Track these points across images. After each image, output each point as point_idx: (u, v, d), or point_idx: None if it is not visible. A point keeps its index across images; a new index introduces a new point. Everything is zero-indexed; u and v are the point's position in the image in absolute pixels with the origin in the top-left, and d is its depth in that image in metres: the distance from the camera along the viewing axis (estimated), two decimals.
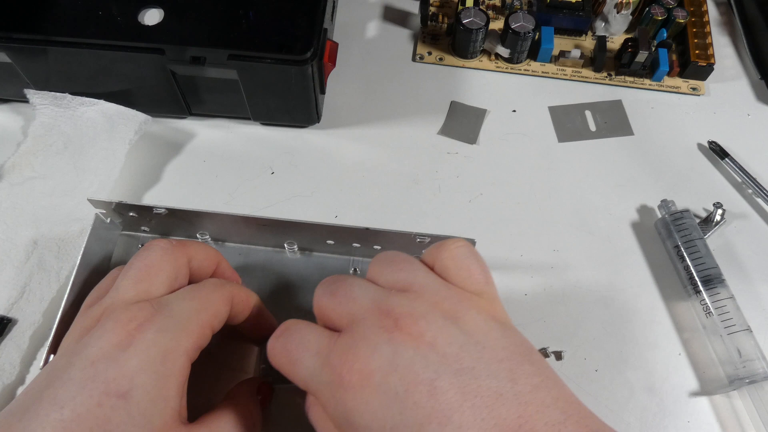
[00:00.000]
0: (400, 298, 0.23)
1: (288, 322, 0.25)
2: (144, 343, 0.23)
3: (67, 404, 0.21)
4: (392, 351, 0.21)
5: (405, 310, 0.22)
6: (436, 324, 0.22)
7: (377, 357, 0.21)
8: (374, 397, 0.21)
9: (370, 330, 0.22)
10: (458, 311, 0.23)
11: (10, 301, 0.32)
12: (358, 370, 0.21)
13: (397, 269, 0.25)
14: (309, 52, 0.33)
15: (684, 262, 0.35)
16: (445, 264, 0.25)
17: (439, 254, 0.25)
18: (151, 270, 0.26)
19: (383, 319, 0.22)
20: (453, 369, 0.21)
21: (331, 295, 0.25)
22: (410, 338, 0.21)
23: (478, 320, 0.23)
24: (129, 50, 0.34)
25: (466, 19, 0.41)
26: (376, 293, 0.24)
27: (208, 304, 0.26)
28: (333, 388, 0.22)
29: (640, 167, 0.40)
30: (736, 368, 0.31)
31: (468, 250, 0.25)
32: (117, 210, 0.32)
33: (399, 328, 0.22)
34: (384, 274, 0.25)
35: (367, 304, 0.23)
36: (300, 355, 0.23)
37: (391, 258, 0.26)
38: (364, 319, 0.23)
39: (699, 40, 0.43)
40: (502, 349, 0.22)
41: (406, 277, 0.24)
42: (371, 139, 0.40)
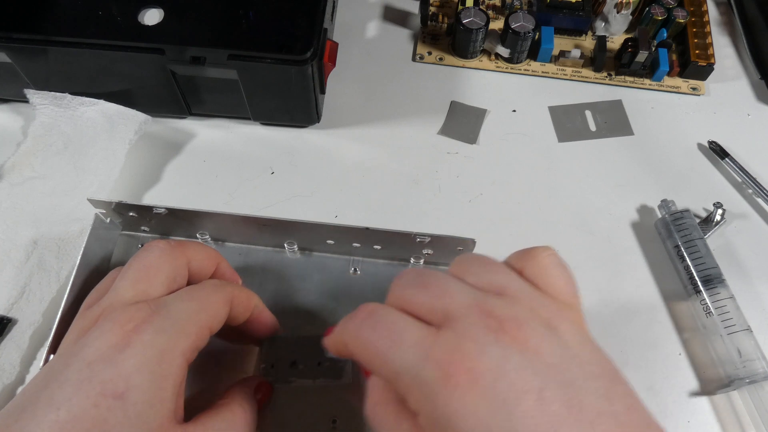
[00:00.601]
0: (500, 300, 0.22)
1: (370, 306, 0.23)
2: (141, 344, 0.23)
3: (63, 405, 0.21)
4: (501, 354, 0.20)
5: (508, 313, 0.21)
6: (538, 331, 0.21)
7: (486, 358, 0.20)
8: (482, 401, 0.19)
9: (476, 329, 0.21)
10: (555, 321, 0.22)
11: (10, 301, 0.32)
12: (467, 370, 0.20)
13: (490, 270, 0.24)
14: (309, 52, 0.33)
15: (684, 262, 0.35)
16: (535, 271, 0.24)
17: (528, 261, 0.24)
18: (150, 271, 0.26)
19: (487, 319, 0.21)
20: (558, 380, 0.20)
21: (422, 287, 0.23)
22: (516, 343, 0.20)
23: (574, 332, 0.22)
24: (129, 50, 0.34)
25: (466, 19, 0.41)
26: (473, 292, 0.22)
27: (207, 306, 0.26)
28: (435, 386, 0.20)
29: (640, 167, 0.40)
30: (736, 368, 0.31)
31: (557, 259, 0.24)
32: (117, 210, 0.32)
33: (504, 330, 0.21)
34: (474, 274, 0.24)
35: (466, 302, 0.22)
36: (394, 345, 0.21)
37: (480, 259, 0.25)
38: (466, 317, 0.21)
39: (699, 40, 0.43)
40: (597, 366, 0.21)
41: (501, 279, 0.23)
42: (371, 139, 0.40)
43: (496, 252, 0.36)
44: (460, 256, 0.25)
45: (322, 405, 0.30)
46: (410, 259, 0.34)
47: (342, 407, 0.30)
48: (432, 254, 0.33)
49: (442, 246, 0.32)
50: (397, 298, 0.24)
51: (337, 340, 0.24)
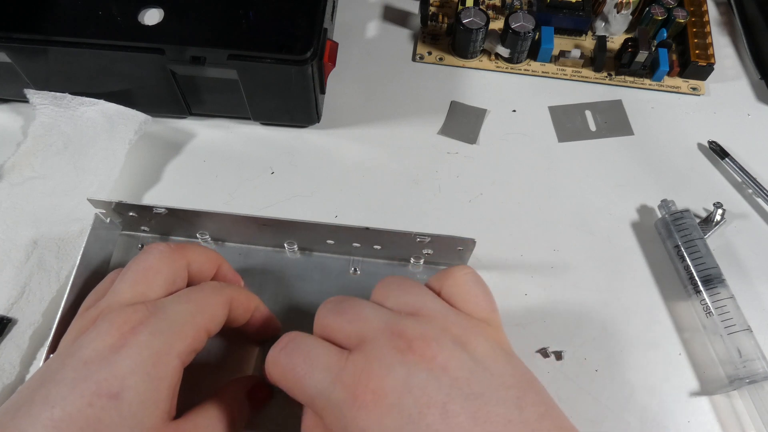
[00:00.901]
0: (412, 321, 0.23)
1: (291, 335, 0.25)
2: (137, 345, 0.23)
3: (58, 404, 0.22)
4: (406, 372, 0.21)
5: (417, 332, 0.22)
6: (447, 347, 0.22)
7: (392, 377, 0.21)
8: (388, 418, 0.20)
9: (384, 350, 0.22)
10: (467, 337, 0.23)
11: (10, 301, 0.32)
12: (372, 389, 0.21)
13: (405, 293, 0.25)
14: (309, 52, 0.33)
15: (684, 262, 0.35)
16: (452, 291, 0.25)
17: (445, 281, 0.26)
18: (149, 272, 0.26)
19: (396, 340, 0.22)
20: (464, 393, 0.21)
21: (338, 314, 0.24)
22: (423, 360, 0.21)
23: (486, 347, 0.23)
24: (129, 50, 0.34)
25: (466, 19, 0.41)
26: (386, 315, 0.24)
27: (205, 308, 0.26)
28: (345, 407, 0.21)
29: (640, 167, 0.40)
30: (736, 368, 0.31)
31: (474, 277, 0.26)
32: (117, 210, 0.32)
33: (412, 349, 0.22)
34: (392, 297, 0.25)
35: (378, 325, 0.23)
36: (307, 370, 0.23)
37: (399, 282, 0.26)
38: (376, 339, 0.22)
39: (699, 40, 0.43)
40: (509, 377, 0.22)
41: (415, 300, 0.24)
42: (371, 139, 0.40)
43: (496, 252, 0.36)
44: (382, 280, 0.27)
45: None
46: (410, 259, 0.34)
47: None
48: (432, 254, 0.33)
49: (442, 246, 0.32)
50: (320, 325, 0.25)
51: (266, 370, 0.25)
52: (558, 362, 0.33)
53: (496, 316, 0.25)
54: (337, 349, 0.23)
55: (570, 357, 0.33)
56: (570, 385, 0.32)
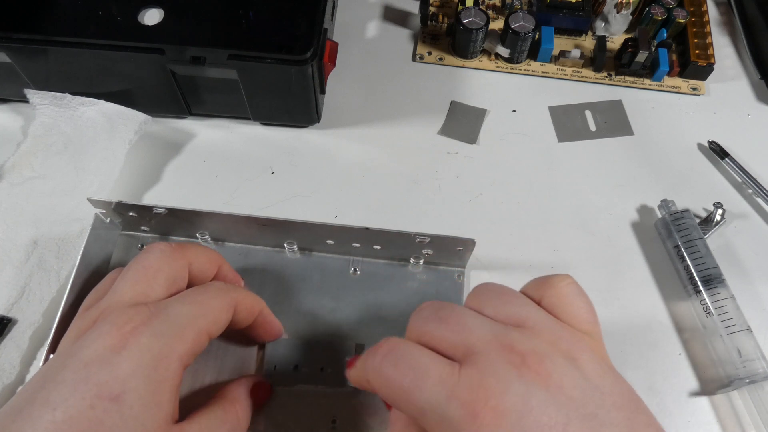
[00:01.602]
0: (520, 334, 0.22)
1: (393, 341, 0.23)
2: (138, 347, 0.23)
3: (60, 406, 0.22)
4: (525, 390, 0.20)
5: (528, 347, 0.21)
6: (560, 364, 0.21)
7: (511, 395, 0.20)
8: None
9: (498, 364, 0.21)
10: (575, 352, 0.22)
11: (10, 301, 0.32)
12: (492, 407, 0.20)
13: (507, 302, 0.24)
14: (309, 52, 0.33)
15: (684, 262, 0.35)
16: (554, 301, 0.24)
17: (546, 290, 0.24)
18: (149, 272, 0.26)
19: (508, 354, 0.21)
20: (581, 414, 0.20)
21: (441, 322, 0.23)
22: (539, 378, 0.20)
23: (594, 363, 0.22)
24: (129, 50, 0.34)
25: (466, 19, 0.41)
26: (493, 326, 0.22)
27: (208, 311, 0.26)
28: (462, 424, 0.20)
29: (640, 167, 0.40)
30: (736, 368, 0.31)
31: (577, 288, 0.25)
32: (117, 210, 0.32)
33: (527, 365, 0.21)
34: (492, 306, 0.24)
35: (486, 337, 0.22)
36: (417, 382, 0.21)
37: (499, 290, 0.25)
38: (488, 353, 0.21)
39: (699, 40, 0.43)
40: (619, 396, 0.21)
41: (519, 311, 0.23)
42: (371, 139, 0.40)
43: (496, 252, 0.36)
44: (477, 286, 0.25)
45: (321, 405, 0.30)
46: (410, 259, 0.34)
47: (342, 408, 0.30)
48: (432, 254, 0.33)
49: (442, 246, 0.32)
50: (417, 333, 0.24)
51: (359, 376, 0.24)
52: None
53: (598, 328, 0.24)
54: (446, 360, 0.22)
55: None
56: None
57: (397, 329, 0.30)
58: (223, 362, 0.31)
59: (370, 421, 0.30)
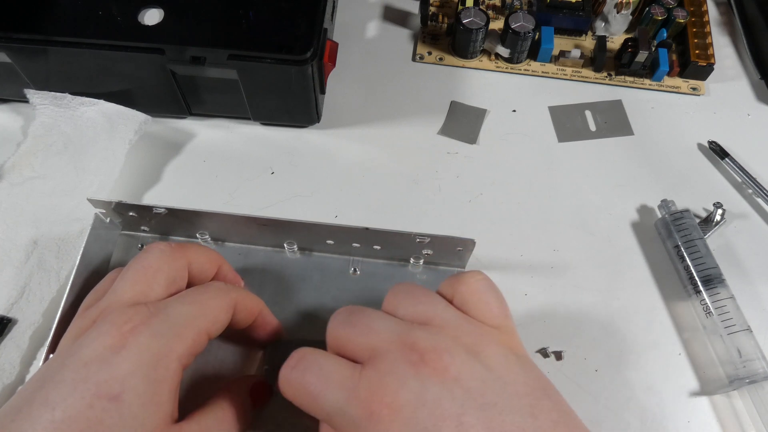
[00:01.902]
0: (423, 332, 0.23)
1: (302, 351, 0.24)
2: (137, 346, 0.23)
3: (59, 405, 0.22)
4: (420, 385, 0.21)
5: (429, 344, 0.22)
6: (459, 358, 0.22)
7: (406, 391, 0.21)
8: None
9: (396, 363, 0.22)
10: (479, 345, 0.23)
11: (10, 301, 0.32)
12: (387, 404, 0.21)
13: (417, 302, 0.25)
14: (309, 52, 0.33)
15: (684, 262, 0.35)
16: (464, 297, 0.25)
17: (458, 287, 0.25)
18: (149, 272, 0.26)
19: (408, 352, 0.22)
20: (478, 404, 0.21)
21: (349, 326, 0.24)
22: (436, 373, 0.21)
23: (499, 354, 0.23)
24: (129, 50, 0.34)
25: (466, 19, 0.41)
26: (397, 326, 0.24)
27: (207, 311, 0.26)
28: (361, 423, 0.21)
29: (640, 167, 0.40)
30: (736, 368, 0.31)
31: (487, 283, 0.26)
32: (117, 210, 0.32)
33: (425, 362, 0.22)
34: (402, 307, 0.25)
35: (389, 337, 0.23)
36: (322, 388, 0.23)
37: (410, 290, 0.26)
38: (388, 352, 0.22)
39: (699, 40, 0.43)
40: (523, 384, 0.22)
41: (426, 309, 0.24)
42: (371, 139, 0.40)
43: (496, 252, 0.36)
44: (392, 288, 0.26)
45: None
46: (410, 259, 0.34)
47: None
48: (432, 254, 0.33)
49: (441, 246, 0.32)
50: (330, 338, 0.25)
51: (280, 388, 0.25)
52: (558, 362, 0.33)
53: (509, 322, 0.25)
54: (349, 363, 0.23)
55: (570, 357, 0.33)
56: (570, 385, 0.32)
57: None
58: (223, 362, 0.31)
59: None
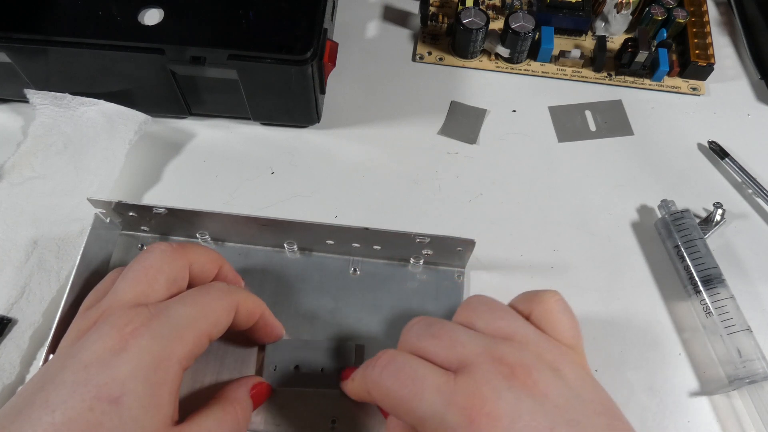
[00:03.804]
0: (508, 347, 0.23)
1: (390, 353, 0.24)
2: (137, 349, 0.23)
3: (59, 407, 0.21)
4: (515, 397, 0.22)
5: (517, 359, 0.23)
6: (545, 374, 0.22)
7: (503, 402, 0.21)
8: None
9: (490, 375, 0.22)
10: (559, 363, 0.23)
11: (10, 301, 0.32)
12: (487, 414, 0.21)
13: (497, 317, 0.25)
14: (309, 52, 0.33)
15: (684, 262, 0.35)
16: (542, 316, 0.25)
17: (535, 306, 0.26)
18: (150, 272, 0.26)
19: (498, 365, 0.22)
20: (565, 419, 0.21)
21: (433, 338, 0.24)
22: (526, 387, 0.22)
23: (576, 373, 0.23)
24: (129, 50, 0.34)
25: (466, 19, 0.41)
26: (482, 339, 0.24)
27: (208, 312, 0.26)
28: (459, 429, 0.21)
29: (640, 167, 0.40)
30: (736, 368, 0.31)
31: (563, 304, 0.26)
32: (117, 210, 0.32)
33: (515, 376, 0.22)
34: (483, 320, 0.25)
35: (476, 350, 0.23)
36: (420, 390, 0.23)
37: (489, 304, 0.26)
38: (480, 364, 0.23)
39: (699, 40, 0.43)
40: (599, 404, 0.23)
41: (508, 325, 0.25)
42: (371, 139, 0.40)
43: (496, 252, 0.36)
44: (467, 300, 0.27)
45: (321, 405, 0.30)
46: (410, 259, 0.34)
47: (341, 408, 0.30)
48: (431, 254, 0.33)
49: (441, 246, 0.32)
50: (411, 347, 0.25)
51: (359, 388, 0.26)
52: None
53: (580, 342, 0.26)
54: (442, 370, 0.23)
55: None
56: None
57: (397, 329, 0.30)
58: (223, 363, 0.31)
59: (370, 421, 0.30)
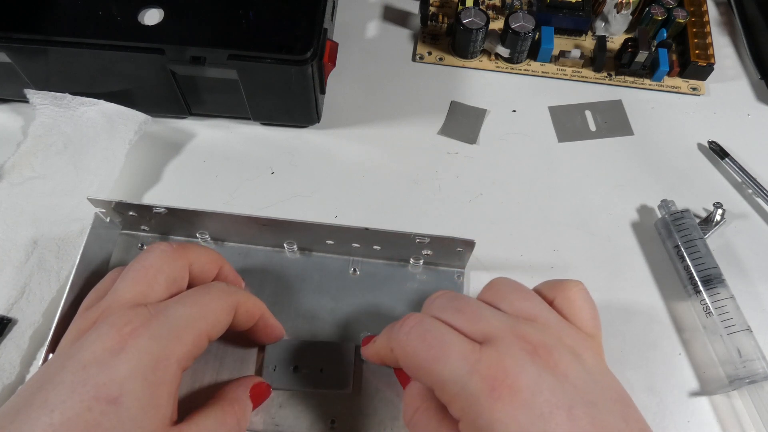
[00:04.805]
0: (531, 327, 0.24)
1: (417, 316, 0.25)
2: (136, 349, 0.23)
3: (57, 408, 0.21)
4: (537, 373, 0.22)
5: (539, 339, 0.23)
6: (566, 357, 0.23)
7: (525, 375, 0.22)
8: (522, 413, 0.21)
9: (514, 349, 0.23)
10: (579, 348, 0.24)
11: (10, 301, 0.32)
12: (509, 385, 0.22)
13: (522, 298, 0.26)
14: (309, 52, 0.33)
15: (684, 262, 0.35)
16: (565, 303, 0.26)
17: (558, 293, 0.26)
18: (149, 272, 0.26)
19: (522, 342, 0.23)
20: (584, 400, 0.22)
21: (457, 312, 0.25)
22: (548, 365, 0.22)
23: (594, 360, 0.24)
24: (129, 50, 0.34)
25: (466, 19, 0.41)
26: (506, 317, 0.24)
27: (208, 313, 0.26)
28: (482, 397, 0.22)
29: (640, 167, 0.40)
30: (736, 368, 0.31)
31: (586, 294, 0.27)
32: (117, 209, 0.32)
33: (538, 354, 0.23)
34: (507, 301, 0.26)
35: (500, 326, 0.24)
36: (445, 354, 0.23)
37: (514, 286, 0.27)
38: (504, 338, 0.23)
39: (699, 40, 0.43)
40: (615, 391, 0.23)
41: (532, 306, 0.25)
42: (371, 139, 0.40)
43: (496, 252, 0.36)
44: (491, 281, 0.27)
45: (320, 405, 0.30)
46: (410, 260, 0.34)
47: (341, 408, 0.30)
48: (431, 255, 0.33)
49: (441, 247, 0.32)
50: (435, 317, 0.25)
51: (382, 347, 0.26)
52: None
53: (600, 333, 0.26)
54: (468, 339, 0.24)
55: None
56: None
57: None
58: (223, 363, 0.31)
59: (369, 421, 0.30)
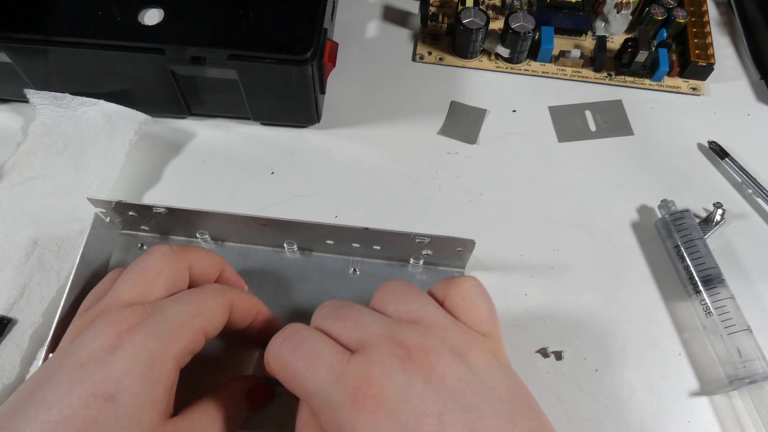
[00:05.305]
0: (411, 330, 0.23)
1: (294, 327, 0.25)
2: (132, 346, 0.23)
3: (55, 405, 0.22)
4: (405, 380, 0.21)
5: (417, 342, 0.23)
6: (446, 359, 0.22)
7: (392, 384, 0.21)
8: (385, 424, 0.21)
9: (384, 356, 0.22)
10: (466, 349, 0.23)
11: (10, 301, 0.32)
12: (372, 395, 0.21)
13: (408, 300, 0.25)
14: (309, 52, 0.33)
15: (684, 262, 0.35)
16: (455, 301, 0.26)
17: (450, 291, 0.26)
18: (149, 273, 0.26)
19: (396, 348, 0.22)
20: (460, 405, 0.21)
21: (337, 319, 0.24)
22: (422, 370, 0.22)
23: (484, 360, 0.23)
24: (129, 50, 0.34)
25: (466, 19, 0.41)
26: (386, 322, 0.24)
27: (203, 310, 0.26)
28: (343, 408, 0.21)
29: (640, 167, 0.40)
30: (736, 368, 0.31)
31: (479, 290, 0.26)
32: (116, 209, 0.32)
33: (411, 359, 0.22)
34: (393, 304, 0.25)
35: (378, 332, 0.23)
36: (309, 366, 0.23)
37: (401, 288, 0.26)
38: (377, 345, 0.23)
39: (699, 40, 0.43)
40: (505, 391, 0.22)
41: (417, 309, 0.25)
42: (371, 139, 0.40)
43: (496, 252, 0.36)
44: (383, 285, 0.27)
45: None
46: (410, 260, 0.34)
47: None
48: (431, 255, 0.33)
49: (441, 246, 0.32)
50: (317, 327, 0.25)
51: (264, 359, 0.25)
52: (558, 362, 0.33)
53: (496, 330, 0.26)
54: (340, 348, 0.23)
55: (570, 357, 0.33)
56: (570, 385, 0.32)
57: None
58: (222, 363, 0.31)
59: None
